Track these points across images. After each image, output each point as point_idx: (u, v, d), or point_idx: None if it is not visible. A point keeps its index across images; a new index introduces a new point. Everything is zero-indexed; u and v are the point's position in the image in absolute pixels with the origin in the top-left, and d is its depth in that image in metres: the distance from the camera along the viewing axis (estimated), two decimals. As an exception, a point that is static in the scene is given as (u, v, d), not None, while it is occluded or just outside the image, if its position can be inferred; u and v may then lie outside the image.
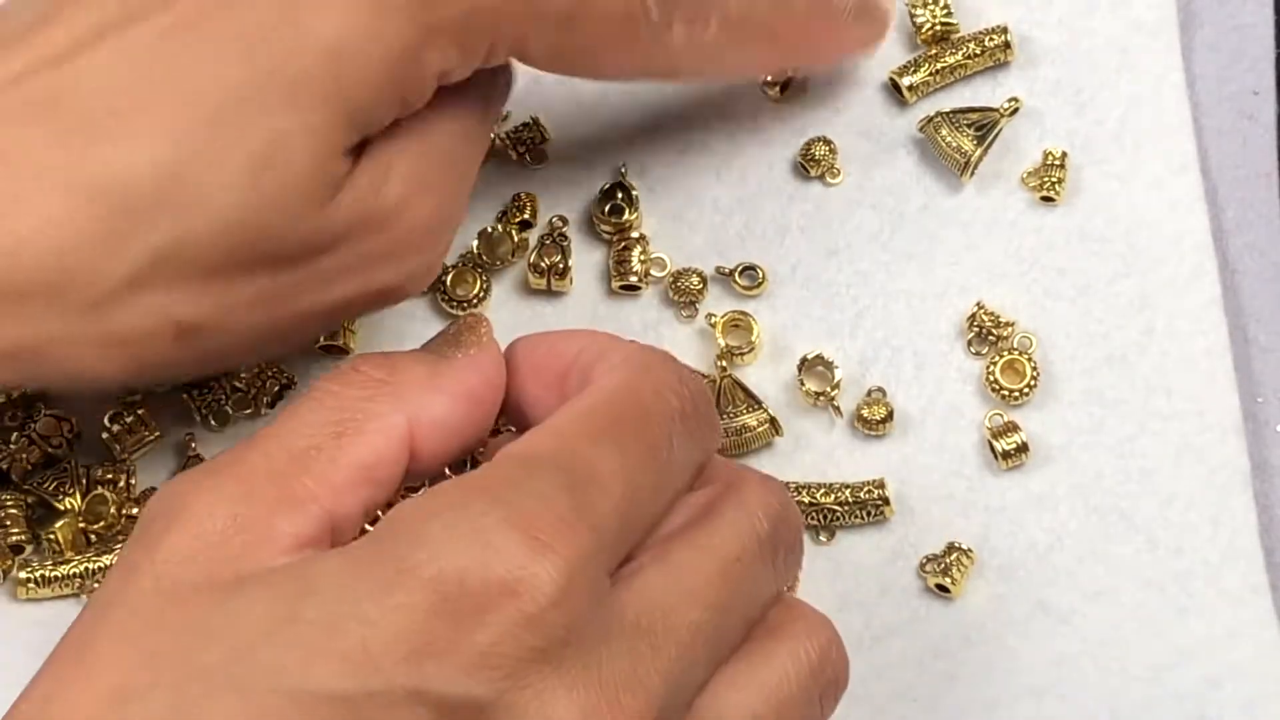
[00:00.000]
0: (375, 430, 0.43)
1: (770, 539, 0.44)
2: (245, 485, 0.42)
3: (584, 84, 0.60)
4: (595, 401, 0.43)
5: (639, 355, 0.45)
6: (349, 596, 0.39)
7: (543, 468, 0.41)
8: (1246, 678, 0.54)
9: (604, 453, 0.42)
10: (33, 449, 0.56)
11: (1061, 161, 0.58)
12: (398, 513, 0.41)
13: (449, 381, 0.45)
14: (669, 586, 0.42)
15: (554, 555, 0.39)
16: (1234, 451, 0.57)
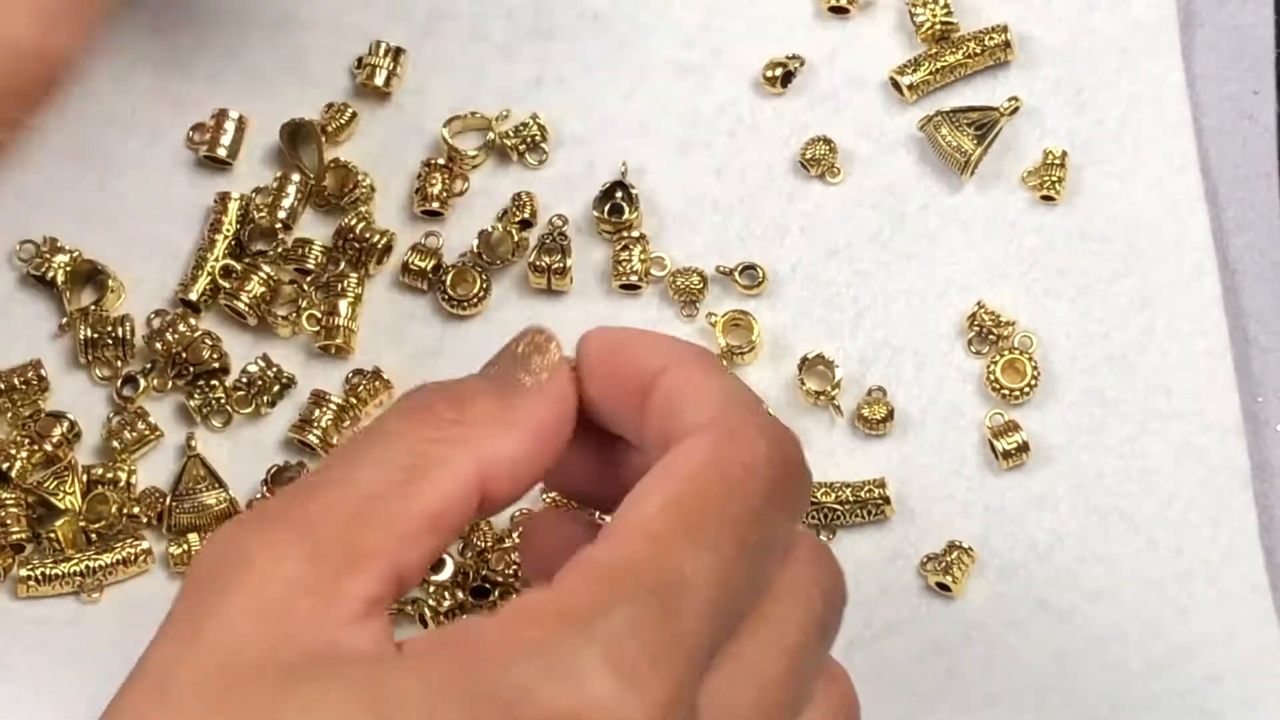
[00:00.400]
0: (444, 477, 0.40)
1: (823, 619, 0.42)
2: (309, 543, 0.39)
3: (584, 83, 0.60)
4: (679, 490, 0.39)
5: (728, 409, 0.41)
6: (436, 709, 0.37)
7: (634, 589, 0.38)
8: (1247, 675, 0.54)
9: (693, 557, 0.39)
10: (33, 448, 0.56)
11: (1061, 161, 0.58)
12: (480, 631, 0.38)
13: (520, 418, 0.42)
14: (744, 694, 0.40)
15: (651, 696, 0.37)
16: (1234, 451, 0.57)
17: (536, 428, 0.42)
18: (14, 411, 0.56)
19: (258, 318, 0.57)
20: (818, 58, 0.60)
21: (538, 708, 0.37)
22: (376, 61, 0.59)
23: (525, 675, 0.37)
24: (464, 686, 0.37)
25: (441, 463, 0.40)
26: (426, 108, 0.60)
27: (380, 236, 0.58)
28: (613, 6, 0.61)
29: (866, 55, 0.60)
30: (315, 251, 0.58)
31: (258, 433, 0.57)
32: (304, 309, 0.57)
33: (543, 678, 0.37)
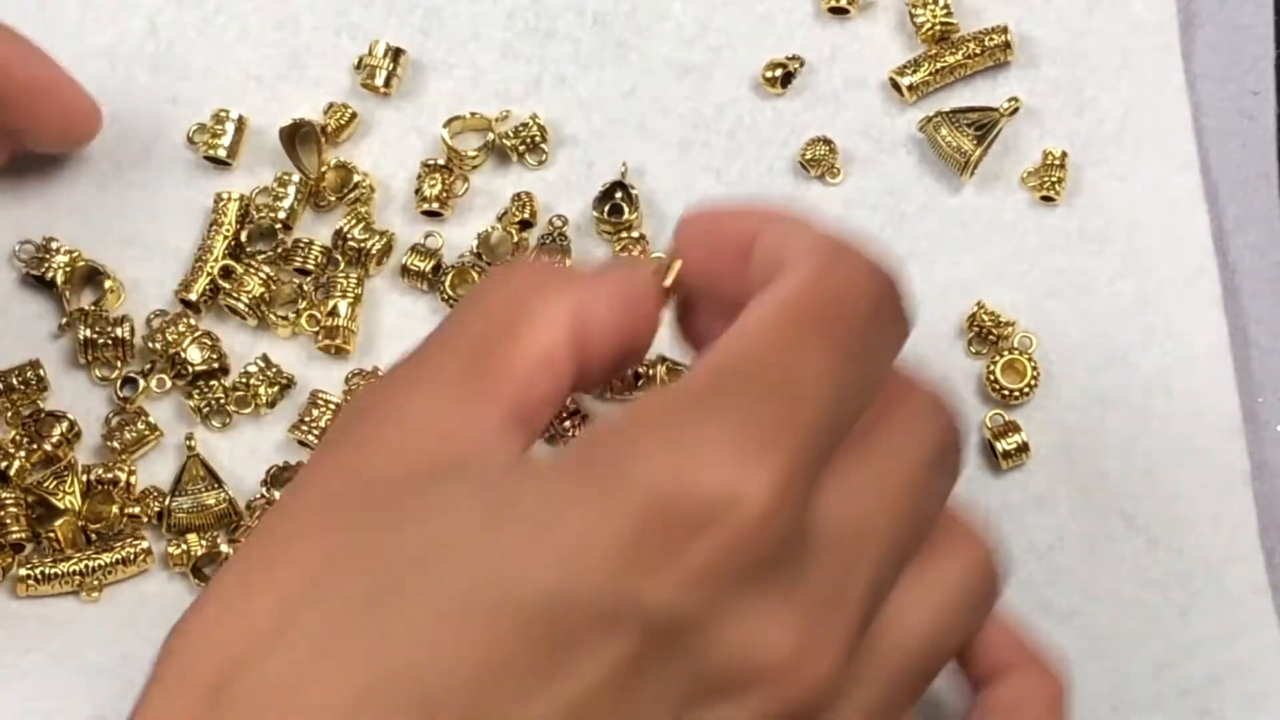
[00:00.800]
0: (546, 321, 0.42)
1: (941, 451, 0.43)
2: (434, 381, 0.41)
3: (584, 83, 0.60)
4: (789, 298, 0.41)
5: (828, 242, 0.43)
6: (559, 502, 0.38)
7: (748, 376, 0.40)
8: (1247, 675, 0.54)
9: (805, 355, 0.40)
10: (33, 448, 0.56)
11: (1061, 161, 0.58)
12: (604, 423, 0.40)
13: (608, 281, 0.44)
14: (863, 498, 0.41)
15: (766, 470, 0.38)
16: (1234, 451, 0.57)
17: (625, 291, 0.43)
18: (14, 411, 0.56)
19: (258, 318, 0.57)
20: (818, 58, 0.60)
21: (656, 482, 0.38)
22: (376, 62, 0.59)
23: (642, 450, 0.38)
24: (588, 464, 0.39)
25: (541, 308, 0.42)
26: (426, 108, 0.60)
27: (380, 236, 0.58)
28: (613, 6, 0.61)
29: (866, 56, 0.60)
30: (315, 251, 0.58)
31: (258, 433, 0.57)
32: (304, 309, 0.57)
33: (660, 454, 0.38)
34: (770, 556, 0.38)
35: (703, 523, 0.38)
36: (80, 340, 0.57)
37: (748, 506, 0.38)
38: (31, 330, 0.58)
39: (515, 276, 0.43)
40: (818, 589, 0.40)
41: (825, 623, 0.39)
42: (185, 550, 0.55)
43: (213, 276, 0.57)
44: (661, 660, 0.38)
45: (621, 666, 0.38)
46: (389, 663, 0.37)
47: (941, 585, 0.43)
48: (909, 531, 0.42)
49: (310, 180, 0.59)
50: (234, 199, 0.58)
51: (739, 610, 0.38)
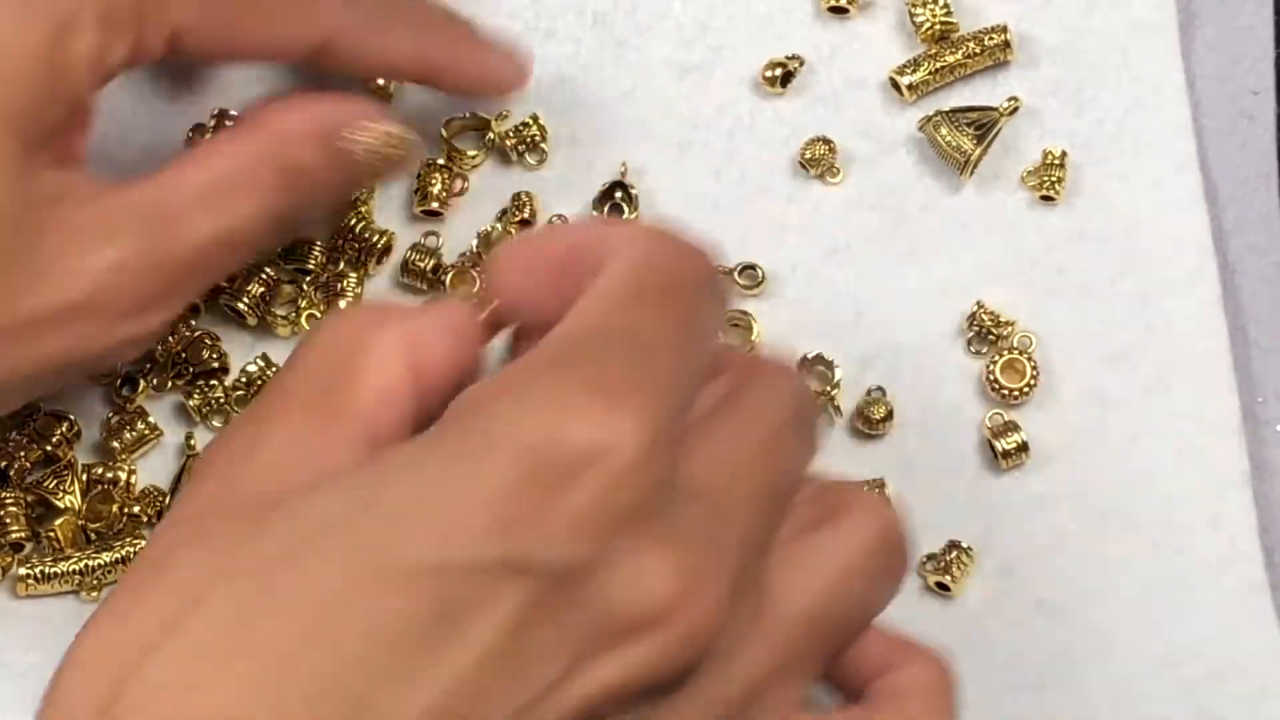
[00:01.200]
0: (381, 355, 0.43)
1: (797, 414, 0.45)
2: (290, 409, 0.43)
3: (584, 83, 0.60)
4: (619, 277, 0.43)
5: (643, 229, 0.45)
6: (432, 475, 0.39)
7: (597, 339, 0.41)
8: (1247, 675, 0.54)
9: (645, 320, 0.42)
10: (33, 448, 0.56)
11: (1061, 161, 0.58)
12: (463, 398, 0.41)
13: (433, 316, 0.45)
14: (722, 459, 0.42)
15: (632, 415, 0.39)
16: (1234, 451, 0.57)
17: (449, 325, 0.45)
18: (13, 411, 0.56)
19: (257, 318, 0.57)
20: (817, 58, 0.60)
21: (525, 439, 0.39)
22: (376, 61, 0.59)
23: (507, 411, 0.39)
24: (454, 436, 0.40)
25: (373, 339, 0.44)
26: (426, 108, 0.60)
27: (380, 236, 0.58)
28: (612, 6, 0.61)
29: (866, 55, 0.60)
30: (315, 251, 0.58)
31: (257, 432, 0.57)
32: (304, 309, 0.57)
33: (526, 413, 0.39)
34: (646, 501, 0.39)
35: (576, 472, 0.38)
36: (80, 340, 0.57)
37: (619, 452, 0.39)
38: (31, 330, 0.58)
39: (349, 316, 0.45)
40: (694, 535, 0.40)
41: (704, 564, 0.40)
42: (185, 550, 0.55)
43: (213, 276, 0.57)
44: (552, 612, 0.39)
45: (512, 622, 0.38)
46: (279, 658, 0.38)
47: (831, 548, 0.44)
48: (773, 489, 0.43)
49: (310, 180, 0.59)
50: (234, 199, 0.58)
51: (621, 555, 0.39)
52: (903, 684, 0.46)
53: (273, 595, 0.38)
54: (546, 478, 0.38)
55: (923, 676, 0.46)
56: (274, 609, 0.38)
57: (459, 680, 0.38)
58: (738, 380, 0.45)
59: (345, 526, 0.39)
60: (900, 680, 0.46)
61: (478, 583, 0.38)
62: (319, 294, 0.58)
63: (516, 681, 0.39)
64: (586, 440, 0.39)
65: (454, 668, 0.38)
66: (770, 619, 0.43)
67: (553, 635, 0.39)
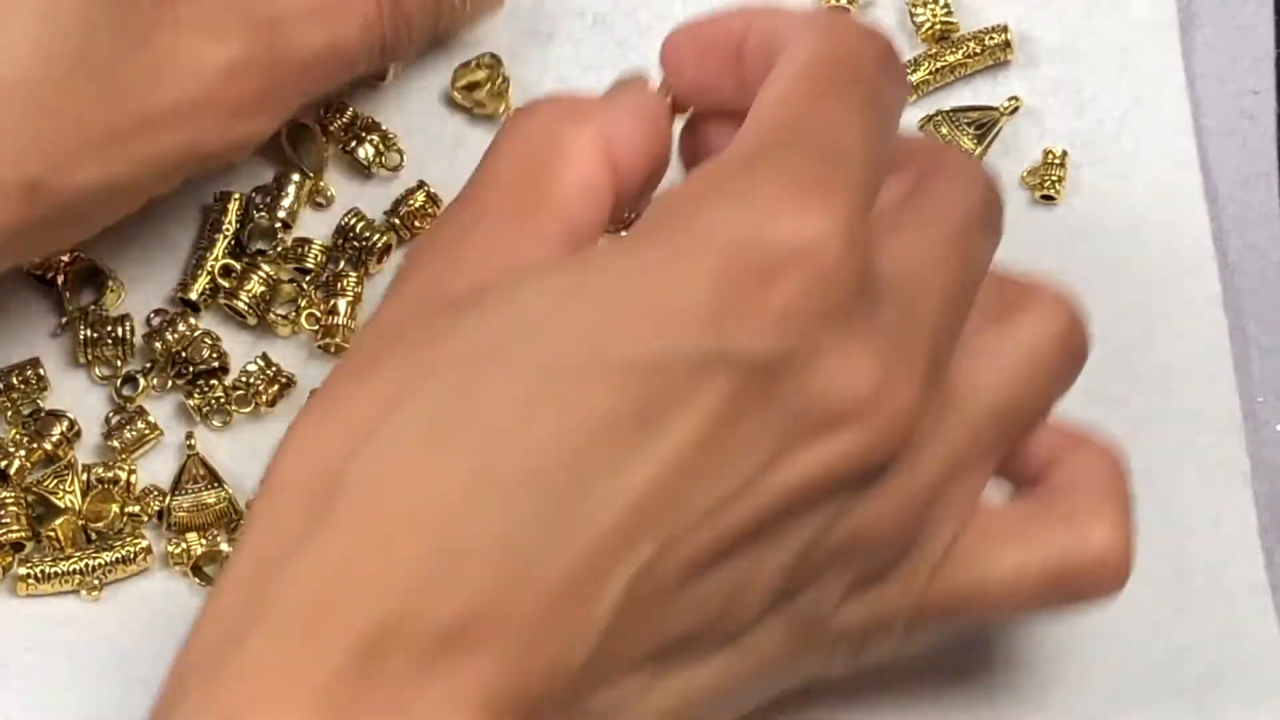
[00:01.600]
0: (579, 150, 0.44)
1: (982, 206, 0.46)
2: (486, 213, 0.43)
3: (585, 84, 0.60)
4: (803, 66, 0.43)
5: (818, 15, 0.45)
6: (638, 272, 0.40)
7: (790, 135, 0.41)
8: (1247, 675, 0.54)
9: (834, 111, 0.42)
10: (33, 448, 0.56)
11: (1061, 160, 0.58)
12: (665, 198, 0.41)
13: (625, 105, 0.46)
14: (915, 254, 0.43)
15: (833, 212, 0.40)
16: (1234, 451, 0.57)
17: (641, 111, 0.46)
18: (13, 410, 0.56)
19: (257, 317, 0.57)
20: (818, 58, 0.60)
21: (731, 237, 0.40)
22: (376, 60, 0.59)
23: (714, 209, 0.40)
24: (659, 232, 0.40)
25: (567, 135, 0.44)
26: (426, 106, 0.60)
27: (380, 236, 0.58)
28: (613, 7, 0.61)
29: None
30: (315, 251, 0.58)
31: (257, 432, 0.57)
32: (304, 308, 0.57)
33: (730, 212, 0.40)
34: (847, 297, 0.40)
35: (781, 268, 0.39)
36: (80, 339, 0.57)
37: (822, 248, 0.39)
38: (32, 329, 0.58)
39: (540, 113, 0.45)
40: (890, 329, 0.41)
41: (902, 358, 0.41)
42: (185, 549, 0.55)
43: (213, 276, 0.57)
44: (756, 404, 0.39)
45: (719, 413, 0.39)
46: (489, 446, 0.39)
47: (1017, 341, 0.45)
48: (964, 281, 0.44)
49: (310, 180, 0.59)
50: (234, 199, 0.58)
51: (823, 350, 0.40)
52: (1075, 477, 0.47)
53: (481, 387, 0.39)
54: (753, 274, 0.39)
55: (1094, 469, 0.47)
56: (482, 401, 0.39)
57: (666, 469, 0.39)
58: (923, 172, 0.45)
59: (550, 320, 0.39)
60: (1072, 472, 0.47)
61: (684, 376, 0.39)
62: (319, 293, 0.58)
63: (721, 471, 0.39)
64: (790, 237, 0.39)
65: (661, 458, 0.39)
66: (958, 412, 0.44)
67: (756, 427, 0.40)
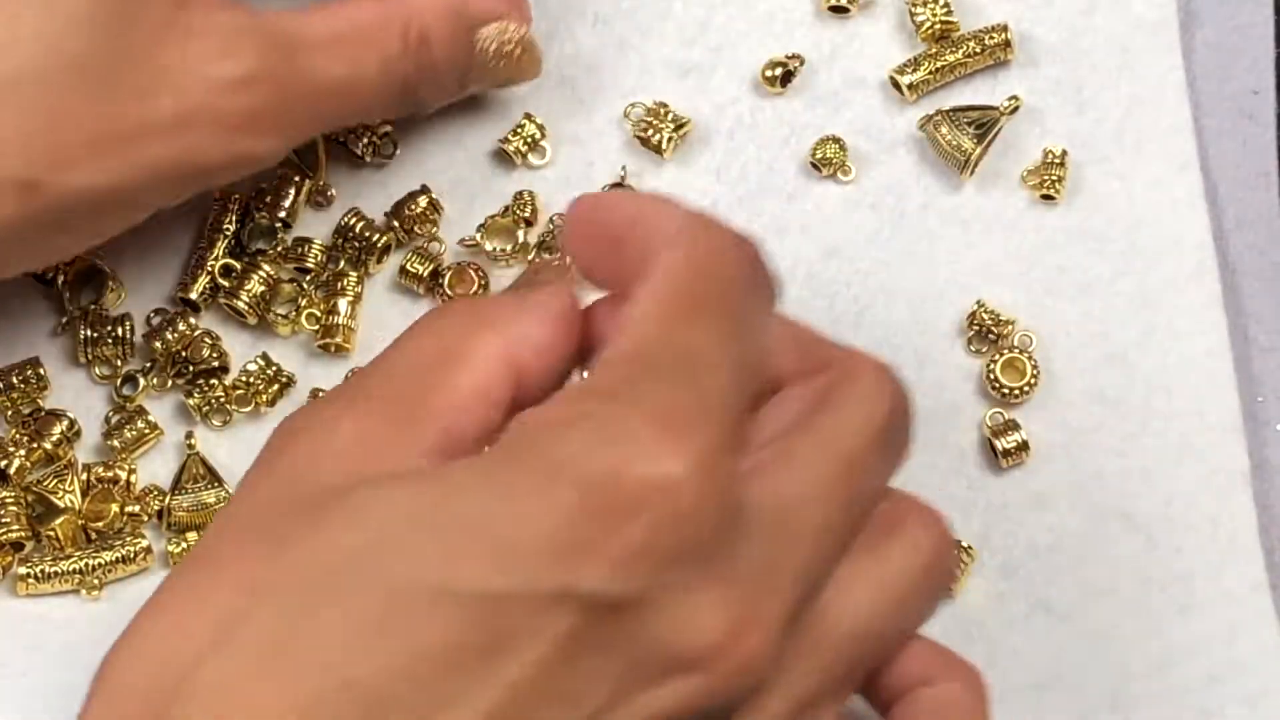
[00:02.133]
0: (477, 354, 0.43)
1: (886, 430, 0.44)
2: (366, 406, 0.42)
3: (584, 83, 0.60)
4: (662, 286, 0.42)
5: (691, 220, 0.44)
6: (494, 497, 0.39)
7: (654, 362, 0.41)
8: (1247, 675, 0.54)
9: (698, 334, 0.41)
10: (33, 447, 0.56)
11: (1062, 160, 0.58)
12: (527, 420, 0.41)
13: (536, 303, 0.45)
14: (795, 484, 0.42)
15: (693, 449, 0.39)
16: (1234, 451, 0.57)
17: (555, 311, 0.44)
18: (13, 409, 0.56)
19: (258, 317, 0.57)
20: (818, 57, 0.60)
21: (587, 471, 0.39)
22: (376, 59, 0.59)
23: (573, 442, 0.39)
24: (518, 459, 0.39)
25: (472, 343, 0.43)
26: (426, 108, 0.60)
27: (380, 236, 0.58)
28: (613, 6, 0.61)
29: (866, 55, 0.60)
30: (315, 251, 0.58)
31: (257, 432, 0.57)
32: (304, 308, 0.57)
33: (589, 441, 0.39)
34: (702, 538, 0.39)
35: (636, 507, 0.38)
36: (80, 338, 0.57)
37: (677, 489, 0.38)
38: (32, 328, 0.58)
39: (449, 314, 0.45)
40: (753, 569, 0.40)
41: (758, 603, 0.40)
42: (185, 549, 0.55)
43: (213, 275, 0.57)
44: (600, 642, 0.39)
45: (561, 650, 0.38)
46: (332, 667, 0.38)
47: (887, 568, 0.44)
48: (849, 513, 0.42)
49: (311, 179, 0.59)
50: (234, 199, 0.58)
51: (673, 592, 0.39)
52: (938, 702, 0.46)
53: (323, 609, 0.38)
54: (607, 512, 0.38)
55: (957, 695, 0.46)
56: (323, 624, 0.38)
57: (505, 704, 0.38)
58: (832, 384, 0.44)
59: (399, 544, 0.39)
60: (935, 697, 0.46)
61: (529, 610, 0.38)
62: (319, 293, 0.58)
63: (563, 708, 0.39)
64: (646, 476, 0.39)
65: (501, 691, 0.38)
66: (820, 638, 0.43)
67: (599, 665, 0.39)
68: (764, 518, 0.41)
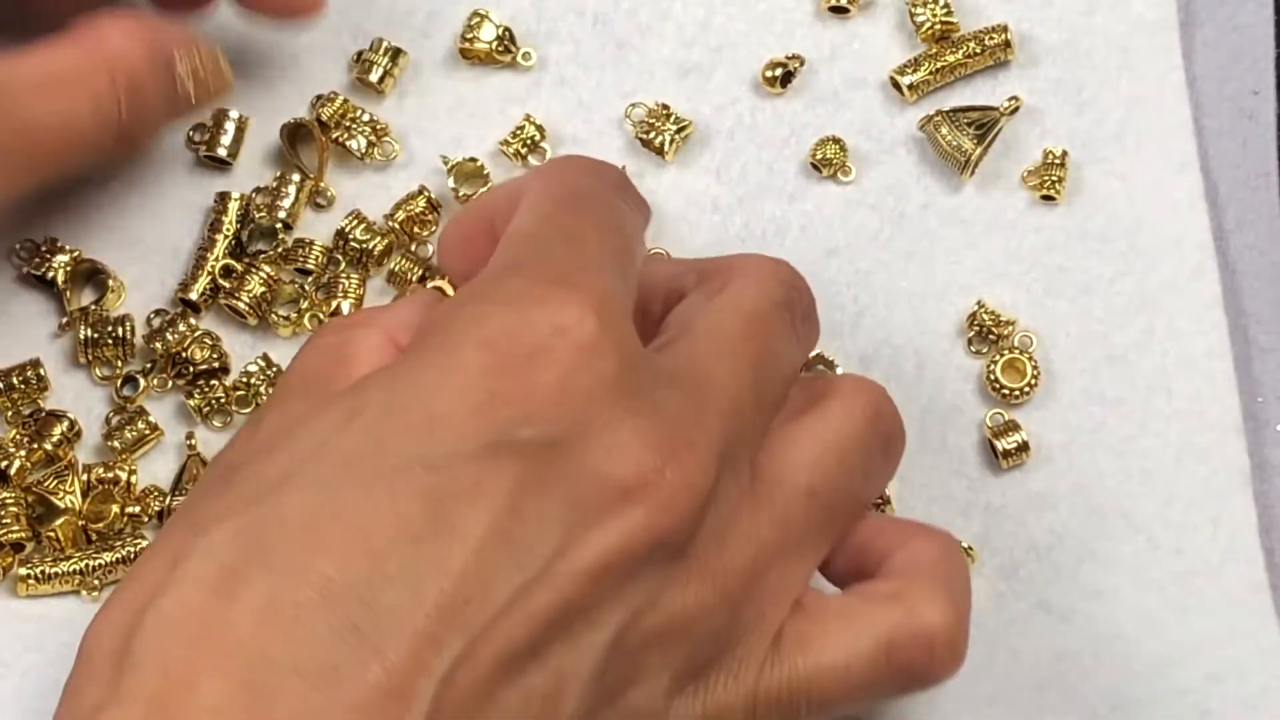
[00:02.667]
0: (365, 346, 0.45)
1: (786, 299, 0.47)
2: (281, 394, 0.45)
3: (584, 83, 0.60)
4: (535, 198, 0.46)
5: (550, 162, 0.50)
6: (408, 377, 0.41)
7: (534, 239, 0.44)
8: (1247, 675, 0.54)
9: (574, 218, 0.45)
10: (33, 448, 0.56)
11: (1062, 160, 0.58)
12: (428, 316, 0.44)
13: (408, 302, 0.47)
14: (702, 344, 0.45)
15: (585, 295, 0.42)
16: (1234, 451, 0.57)
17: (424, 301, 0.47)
18: (14, 410, 0.56)
19: (258, 317, 0.57)
20: (818, 58, 0.60)
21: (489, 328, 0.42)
22: (375, 59, 0.59)
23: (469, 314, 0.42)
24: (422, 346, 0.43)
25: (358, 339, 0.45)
26: (426, 108, 0.60)
27: (381, 237, 0.58)
28: (613, 6, 0.61)
29: (866, 55, 0.60)
30: (315, 251, 0.58)
31: (258, 432, 0.57)
32: (305, 309, 0.57)
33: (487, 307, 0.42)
34: (616, 373, 0.41)
35: (543, 352, 0.41)
36: (81, 339, 0.57)
37: (579, 327, 0.41)
38: (32, 329, 0.58)
39: (332, 326, 0.47)
40: (673, 410, 0.42)
41: (682, 432, 0.42)
42: (185, 549, 0.55)
43: (213, 276, 0.57)
44: (542, 486, 0.40)
45: (507, 500, 0.40)
46: (282, 572, 0.39)
47: (824, 424, 0.46)
48: (760, 370, 0.45)
49: (310, 180, 0.59)
50: (234, 199, 0.58)
51: (599, 429, 0.41)
52: (904, 563, 0.47)
53: (264, 522, 0.40)
54: (516, 360, 0.41)
55: (923, 554, 0.47)
56: (266, 535, 0.39)
57: (462, 564, 0.39)
58: (725, 280, 0.47)
59: (329, 445, 0.41)
60: (903, 560, 0.47)
61: (466, 471, 0.40)
62: (320, 294, 0.58)
63: (518, 559, 0.40)
64: (548, 323, 0.41)
65: (456, 557, 0.39)
66: (767, 491, 0.45)
67: (546, 508, 0.40)
68: (679, 374, 0.43)
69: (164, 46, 0.53)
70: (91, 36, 0.52)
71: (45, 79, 0.51)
